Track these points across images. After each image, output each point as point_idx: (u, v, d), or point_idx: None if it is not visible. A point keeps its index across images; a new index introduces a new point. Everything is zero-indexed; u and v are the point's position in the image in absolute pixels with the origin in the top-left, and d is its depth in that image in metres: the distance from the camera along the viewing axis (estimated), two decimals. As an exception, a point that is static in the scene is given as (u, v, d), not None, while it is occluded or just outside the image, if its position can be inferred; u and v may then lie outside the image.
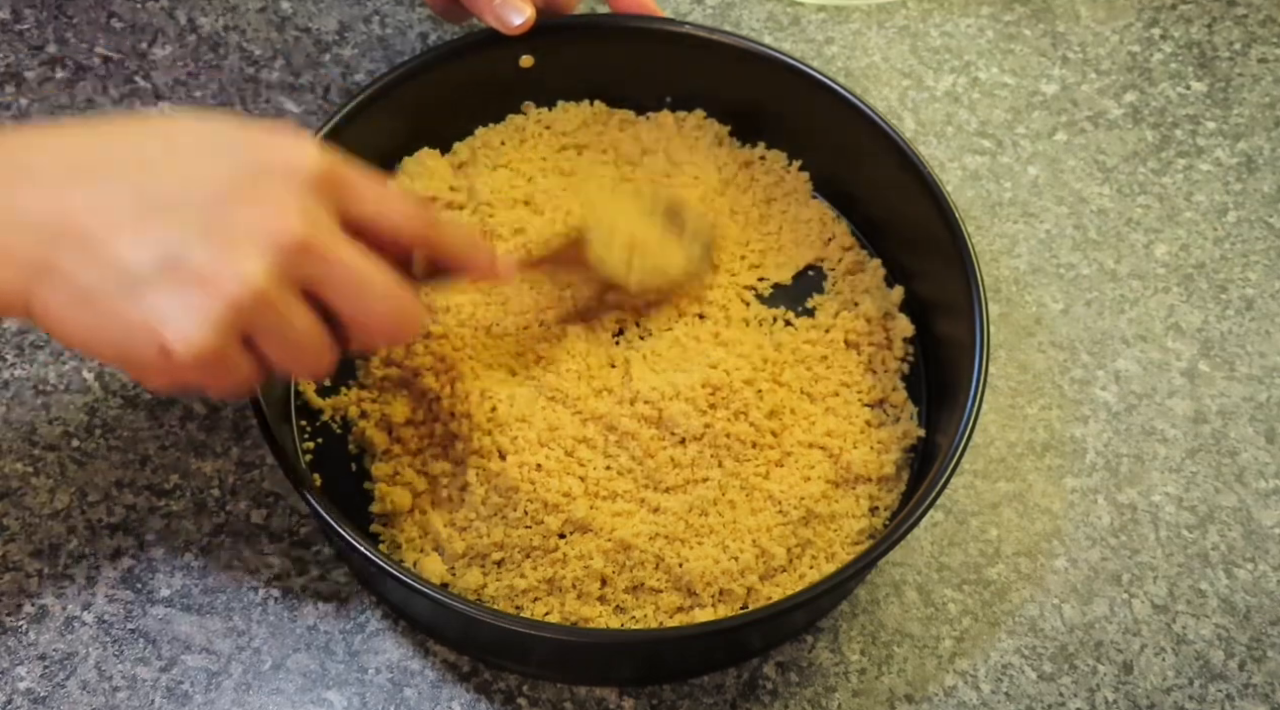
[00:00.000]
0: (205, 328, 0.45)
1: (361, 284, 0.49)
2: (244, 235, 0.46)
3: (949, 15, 0.83)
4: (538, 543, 0.59)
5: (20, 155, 0.47)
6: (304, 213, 0.47)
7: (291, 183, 0.47)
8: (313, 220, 0.47)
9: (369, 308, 0.49)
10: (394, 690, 0.60)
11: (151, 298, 0.45)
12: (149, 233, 0.45)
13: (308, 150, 0.48)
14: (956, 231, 0.63)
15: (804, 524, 0.61)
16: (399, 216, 0.51)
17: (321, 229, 0.47)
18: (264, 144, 0.48)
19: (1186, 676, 0.63)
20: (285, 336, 0.48)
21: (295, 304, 0.47)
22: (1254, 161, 0.79)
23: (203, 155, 0.47)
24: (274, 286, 0.46)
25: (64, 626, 0.60)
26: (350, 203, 0.49)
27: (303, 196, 0.47)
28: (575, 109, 0.73)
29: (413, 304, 0.51)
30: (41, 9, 0.77)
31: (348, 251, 0.48)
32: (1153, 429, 0.69)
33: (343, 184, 0.49)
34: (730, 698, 0.61)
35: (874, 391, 0.66)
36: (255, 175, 0.47)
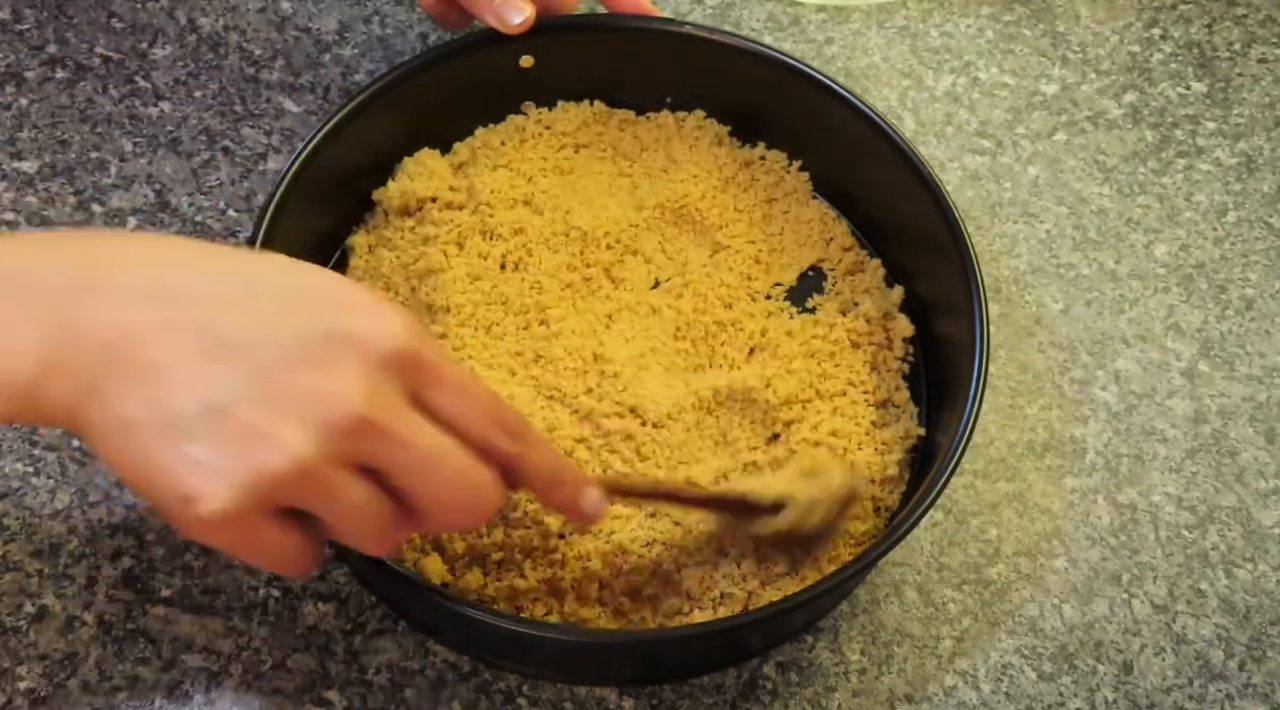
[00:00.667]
0: (231, 489, 0.42)
1: (428, 467, 0.45)
2: (300, 402, 0.43)
3: (949, 15, 0.83)
4: (537, 543, 0.59)
5: (89, 272, 0.44)
6: (369, 388, 0.44)
7: (365, 355, 0.44)
8: (378, 398, 0.44)
9: (437, 491, 0.46)
10: (394, 690, 0.60)
11: (188, 444, 0.42)
12: (202, 374, 0.43)
13: (392, 323, 0.45)
14: (956, 231, 0.63)
15: None
16: (475, 429, 0.47)
17: (385, 408, 0.44)
18: (348, 307, 0.45)
19: (1186, 676, 0.63)
20: (335, 513, 0.45)
21: (347, 481, 0.44)
22: (1254, 161, 0.79)
23: (282, 306, 0.45)
24: (319, 464, 0.43)
25: (64, 626, 0.60)
26: (428, 388, 0.46)
27: (373, 372, 0.44)
28: (575, 109, 0.73)
29: (488, 487, 0.47)
30: (41, 9, 0.77)
31: (412, 431, 0.45)
32: (1153, 429, 0.69)
33: (424, 367, 0.45)
34: (730, 698, 0.61)
35: (879, 391, 0.66)
36: (329, 339, 0.44)
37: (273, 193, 0.62)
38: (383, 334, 0.45)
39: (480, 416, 0.47)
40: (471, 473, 0.47)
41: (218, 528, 0.43)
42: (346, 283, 0.47)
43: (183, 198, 0.71)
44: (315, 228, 0.67)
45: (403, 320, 0.46)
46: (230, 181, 0.72)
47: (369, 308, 0.46)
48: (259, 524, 0.44)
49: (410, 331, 0.45)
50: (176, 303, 0.44)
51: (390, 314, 0.46)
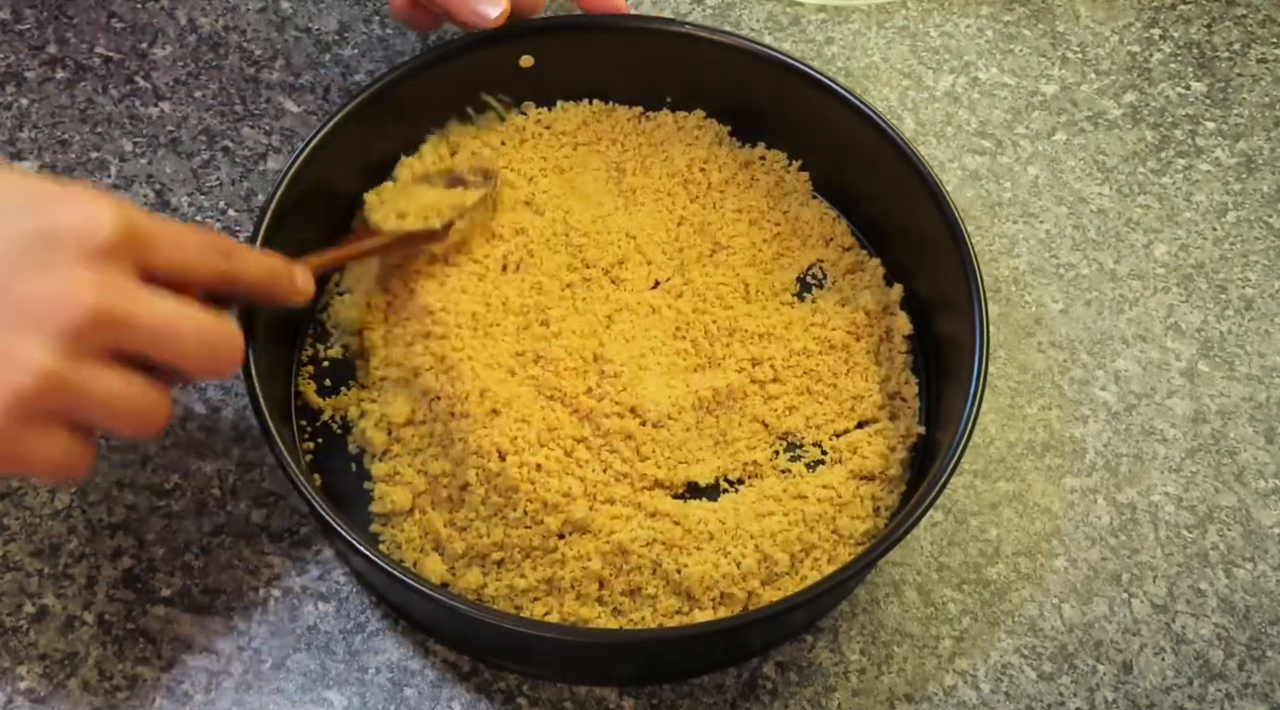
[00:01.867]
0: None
1: (169, 333, 0.47)
2: (32, 312, 0.43)
3: (949, 15, 0.83)
4: (537, 543, 0.59)
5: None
6: (96, 281, 0.44)
7: (84, 247, 0.45)
8: (107, 286, 0.45)
9: (184, 351, 0.48)
10: (394, 690, 0.60)
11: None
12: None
13: (102, 211, 0.46)
14: (956, 231, 0.63)
15: (809, 528, 0.61)
16: (198, 262, 0.50)
17: (115, 293, 0.45)
18: (56, 208, 0.46)
19: (1186, 676, 0.63)
20: (96, 406, 0.46)
21: (98, 372, 0.45)
22: (1254, 161, 0.79)
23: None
24: (66, 365, 0.44)
25: (64, 626, 0.60)
26: (151, 256, 0.47)
27: (96, 262, 0.45)
28: (575, 109, 0.73)
29: (228, 333, 0.50)
30: (41, 9, 0.77)
31: (147, 307, 0.46)
32: (1152, 429, 0.69)
33: (138, 240, 0.47)
34: (730, 698, 0.61)
35: (886, 384, 0.66)
36: (45, 242, 0.44)
37: (273, 193, 0.62)
38: (95, 223, 0.45)
39: (198, 253, 0.50)
40: (210, 326, 0.49)
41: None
42: (43, 180, 0.47)
43: (183, 198, 0.72)
44: (315, 228, 0.67)
45: (110, 204, 0.46)
46: (230, 181, 0.72)
47: (75, 200, 0.46)
48: (25, 439, 0.45)
49: (121, 211, 0.46)
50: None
51: (98, 200, 0.46)
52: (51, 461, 0.46)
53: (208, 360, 0.49)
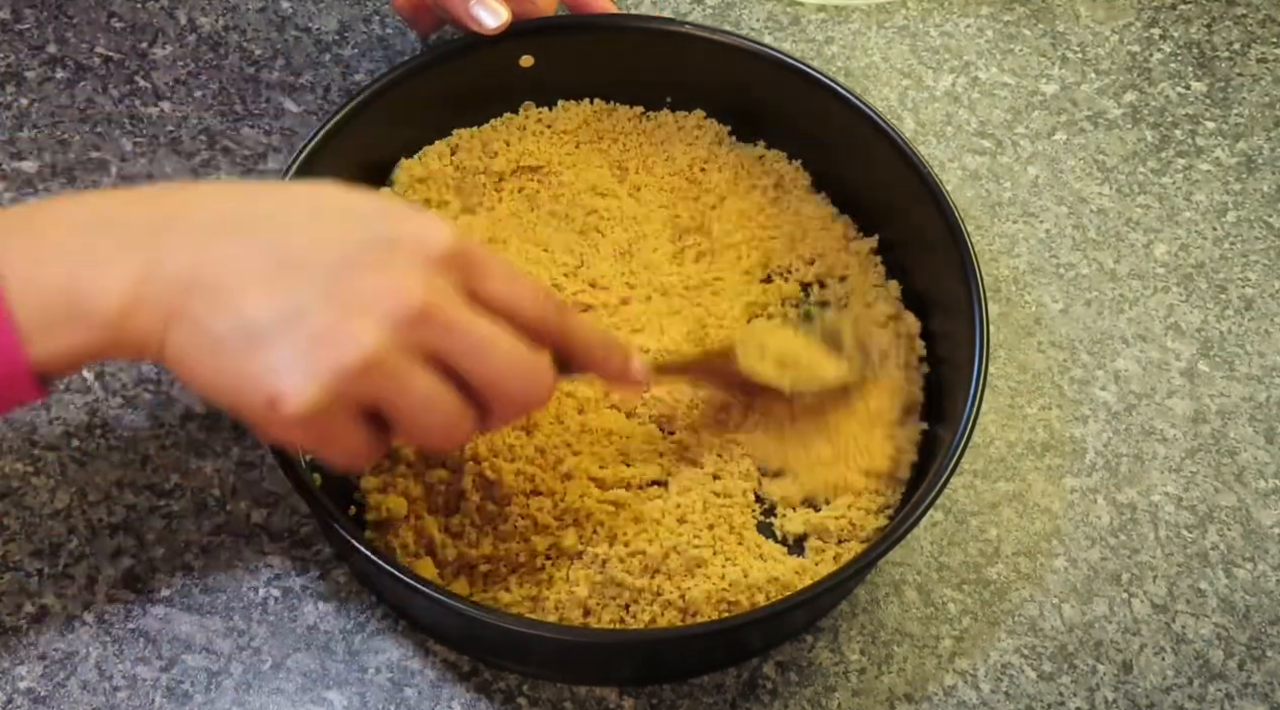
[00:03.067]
0: (313, 385, 0.45)
1: (487, 348, 0.48)
2: (366, 301, 0.46)
3: (949, 15, 0.83)
4: (525, 561, 0.59)
5: (167, 208, 0.48)
6: (427, 283, 0.47)
7: (419, 254, 0.47)
8: (436, 289, 0.47)
9: (497, 371, 0.49)
10: (394, 690, 0.60)
11: (268, 351, 0.46)
12: (275, 289, 0.46)
13: (441, 228, 0.49)
14: (956, 231, 0.63)
15: (833, 538, 0.61)
16: (529, 303, 0.51)
17: (444, 298, 0.47)
18: (398, 217, 0.49)
19: (1186, 676, 0.63)
20: (408, 404, 0.48)
21: (417, 371, 0.47)
22: (1254, 161, 0.79)
23: (339, 222, 0.48)
24: (390, 353, 0.46)
25: (64, 626, 0.60)
26: (478, 281, 0.49)
27: (428, 269, 0.47)
28: (576, 109, 0.73)
29: (543, 366, 0.51)
30: (41, 9, 0.77)
31: (470, 318, 0.48)
32: (1152, 429, 0.69)
33: (472, 263, 0.49)
34: (730, 697, 0.61)
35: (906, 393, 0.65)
36: (385, 244, 0.47)
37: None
38: (432, 236, 0.48)
39: (530, 297, 0.51)
40: (526, 354, 0.50)
41: (301, 424, 0.46)
42: (395, 199, 0.51)
43: (183, 198, 0.71)
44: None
45: (449, 226, 0.49)
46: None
47: (417, 216, 0.49)
48: (337, 420, 0.47)
49: (456, 233, 0.49)
50: (245, 232, 0.47)
51: (437, 221, 0.49)
52: (350, 447, 0.49)
53: (517, 388, 0.50)
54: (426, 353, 0.48)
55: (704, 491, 0.61)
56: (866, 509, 0.62)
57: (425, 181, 0.69)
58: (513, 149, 0.71)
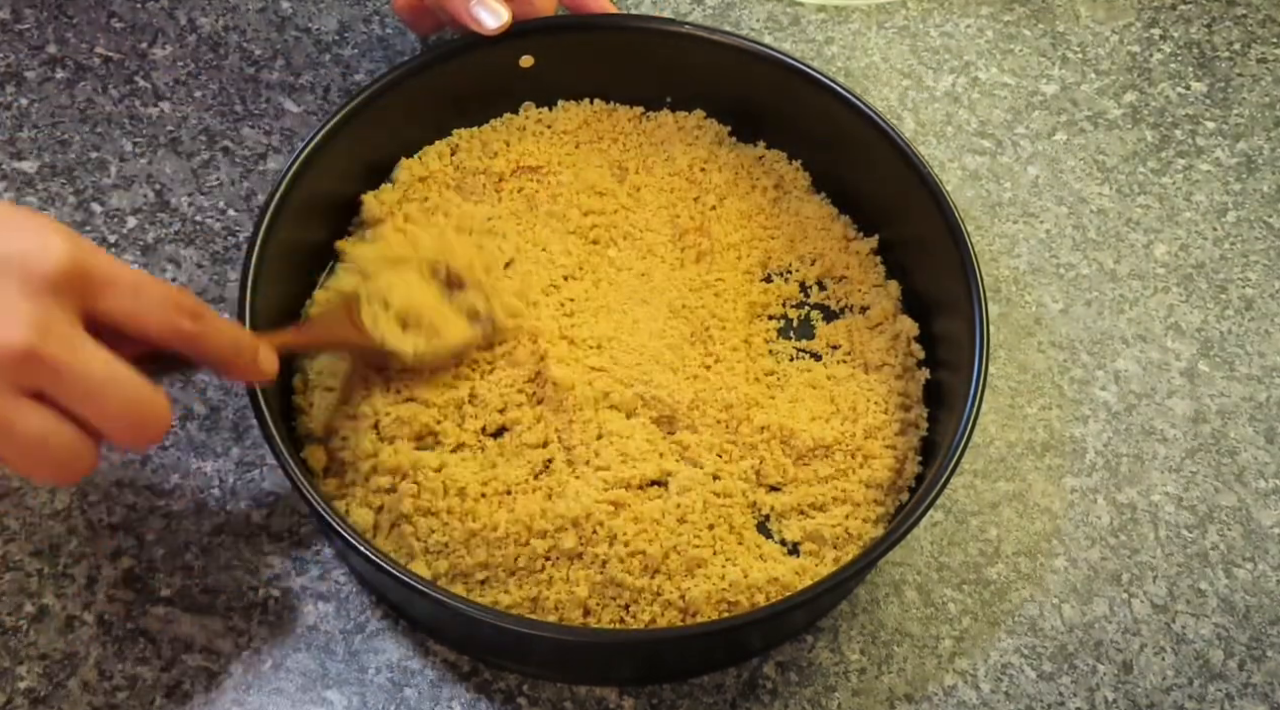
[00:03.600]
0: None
1: (96, 392, 0.45)
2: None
3: (949, 15, 0.83)
4: (523, 564, 0.59)
5: None
6: (34, 320, 0.43)
7: (28, 283, 0.43)
8: (43, 327, 0.43)
9: (109, 413, 0.46)
10: (394, 690, 0.60)
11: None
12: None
13: (54, 244, 0.44)
14: (956, 231, 0.63)
15: (829, 545, 0.61)
16: (155, 318, 0.48)
17: (52, 338, 0.44)
18: (8, 234, 0.44)
19: (1186, 676, 0.63)
20: (17, 448, 0.45)
21: (22, 413, 0.44)
22: (1254, 161, 0.79)
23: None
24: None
25: (64, 626, 0.60)
26: (99, 299, 0.46)
27: (40, 296, 0.43)
28: (576, 109, 0.73)
29: (154, 406, 0.48)
30: (41, 9, 0.77)
31: (80, 358, 0.45)
32: (1152, 429, 0.69)
33: (90, 280, 0.45)
34: (730, 697, 0.61)
35: (893, 397, 0.65)
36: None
37: (273, 192, 0.62)
38: (44, 252, 0.44)
39: (158, 308, 0.47)
40: (138, 392, 0.46)
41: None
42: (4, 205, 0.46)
43: (183, 198, 0.72)
44: (315, 228, 0.67)
45: (63, 235, 0.45)
46: (230, 181, 0.72)
47: (28, 228, 0.44)
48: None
49: (71, 246, 0.45)
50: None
51: (49, 230, 0.45)
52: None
53: (127, 430, 0.47)
54: (31, 391, 0.44)
55: (704, 492, 0.61)
56: (865, 518, 0.62)
57: (425, 181, 0.70)
58: (512, 149, 0.71)
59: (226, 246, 0.70)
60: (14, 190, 0.71)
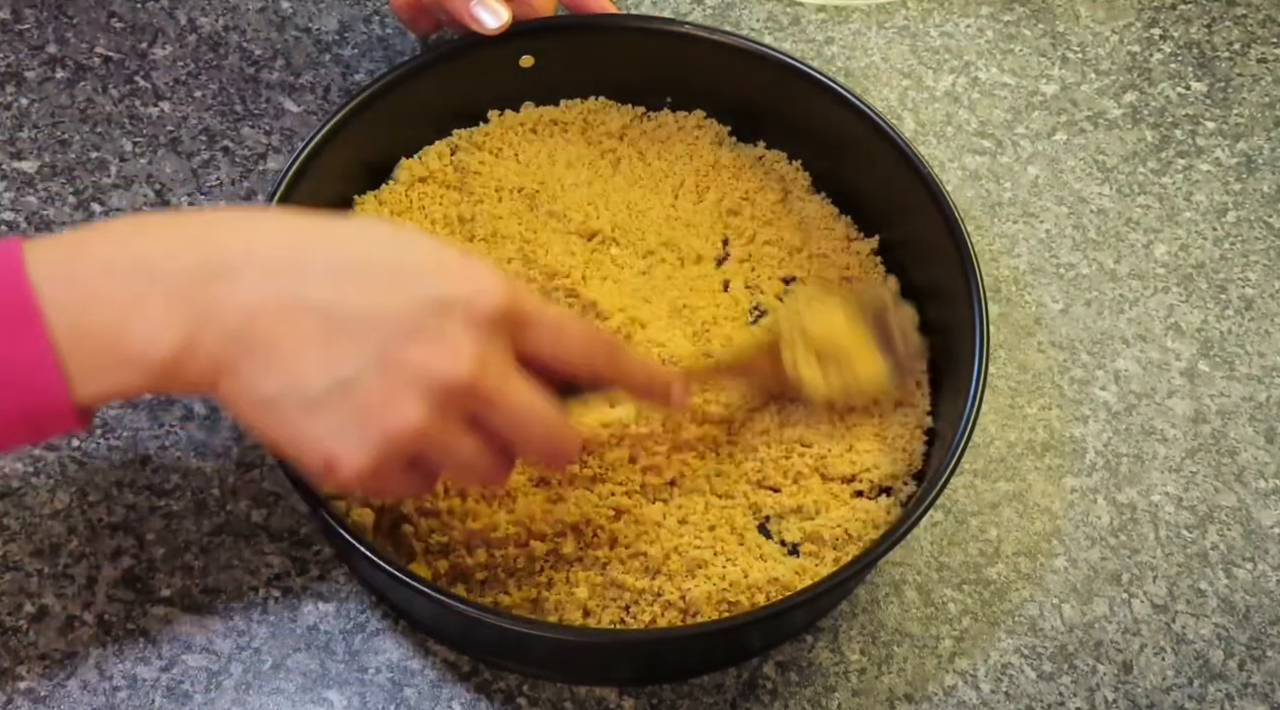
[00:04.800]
0: (364, 453, 0.48)
1: (521, 421, 0.51)
2: (415, 372, 0.48)
3: (949, 15, 0.83)
4: (523, 565, 0.59)
5: (215, 253, 0.48)
6: (476, 355, 0.48)
7: (471, 319, 0.48)
8: (484, 362, 0.49)
9: (530, 440, 0.52)
10: (394, 690, 0.60)
11: (320, 418, 0.48)
12: (328, 355, 0.47)
13: (493, 286, 0.49)
14: (957, 232, 0.63)
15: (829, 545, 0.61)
16: (577, 354, 0.53)
17: (491, 372, 0.49)
18: (451, 274, 0.49)
19: (1186, 676, 0.63)
20: (451, 463, 0.51)
21: (458, 436, 0.50)
22: (1254, 161, 0.79)
23: (393, 279, 0.49)
24: (434, 425, 0.48)
25: (64, 626, 0.60)
26: (528, 339, 0.51)
27: (479, 337, 0.49)
28: (575, 108, 0.73)
29: (567, 436, 0.53)
30: (41, 9, 0.77)
31: (513, 393, 0.50)
32: (1152, 429, 0.69)
33: (523, 321, 0.51)
34: (730, 697, 0.61)
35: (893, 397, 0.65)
36: (438, 307, 0.48)
37: (273, 193, 0.62)
38: (484, 297, 0.49)
39: (579, 347, 0.53)
40: (556, 424, 0.52)
41: (357, 482, 0.49)
42: (446, 248, 0.51)
43: (183, 198, 0.71)
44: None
45: (499, 279, 0.50)
46: (230, 181, 0.72)
47: (469, 272, 0.50)
48: (388, 475, 0.50)
49: (507, 288, 0.50)
50: (295, 286, 0.48)
51: (487, 274, 0.50)
52: (401, 491, 0.54)
53: (545, 455, 0.53)
54: (468, 418, 0.50)
55: (705, 493, 0.61)
56: (864, 518, 0.62)
57: (425, 181, 0.69)
58: (512, 149, 0.71)
59: (226, 246, 0.70)
60: (14, 190, 0.71)
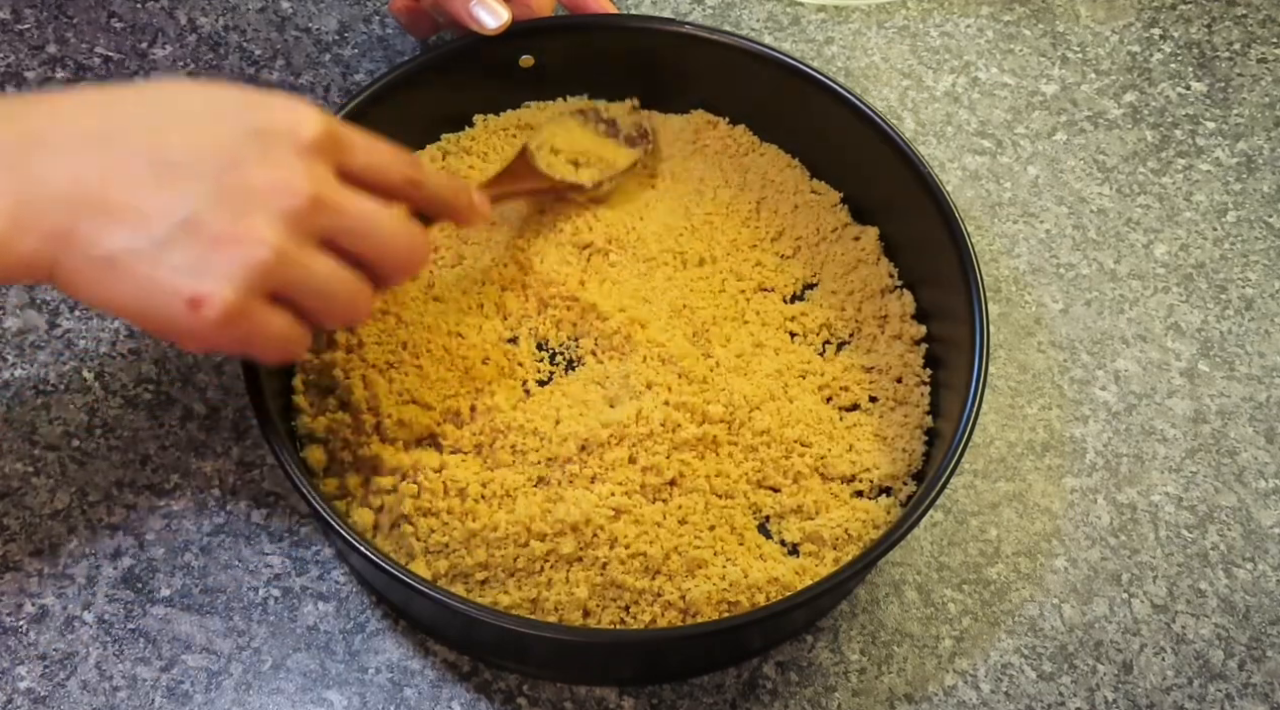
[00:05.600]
0: (229, 285, 0.47)
1: (372, 226, 0.51)
2: (257, 197, 0.48)
3: (949, 15, 0.83)
4: (522, 565, 0.59)
5: (33, 124, 0.48)
6: (309, 172, 0.49)
7: (295, 143, 0.49)
8: (318, 177, 0.49)
9: (383, 244, 0.52)
10: (394, 690, 0.60)
11: (175, 258, 0.47)
12: (165, 196, 0.47)
13: (309, 115, 0.50)
14: (957, 232, 0.63)
15: (829, 545, 0.61)
16: (393, 169, 0.54)
17: (327, 185, 0.50)
18: (265, 106, 0.50)
19: (1186, 676, 0.63)
20: (313, 287, 0.50)
21: (315, 255, 0.50)
22: (1254, 161, 0.79)
23: (209, 119, 0.49)
24: (291, 244, 0.49)
25: (64, 626, 0.60)
26: (347, 158, 0.52)
27: (306, 156, 0.49)
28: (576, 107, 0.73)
29: (420, 235, 0.54)
30: (41, 9, 0.77)
31: (354, 200, 0.51)
32: (1152, 429, 0.69)
33: (338, 142, 0.51)
34: (730, 697, 0.61)
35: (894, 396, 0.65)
36: (261, 138, 0.49)
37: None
38: (304, 124, 0.50)
39: (392, 162, 0.54)
40: (403, 224, 0.53)
41: (226, 324, 0.48)
42: (255, 89, 0.52)
43: (183, 198, 0.71)
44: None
45: (313, 108, 0.51)
46: (230, 181, 0.72)
47: (284, 104, 0.51)
48: (259, 311, 0.49)
49: (322, 116, 0.51)
50: (117, 141, 0.48)
51: (302, 105, 0.51)
52: (277, 338, 0.51)
53: (403, 256, 0.53)
54: (319, 237, 0.50)
55: (705, 493, 0.61)
56: (865, 518, 0.62)
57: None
58: (498, 153, 0.71)
59: (226, 246, 0.70)
60: (14, 190, 0.71)
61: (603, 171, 0.69)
